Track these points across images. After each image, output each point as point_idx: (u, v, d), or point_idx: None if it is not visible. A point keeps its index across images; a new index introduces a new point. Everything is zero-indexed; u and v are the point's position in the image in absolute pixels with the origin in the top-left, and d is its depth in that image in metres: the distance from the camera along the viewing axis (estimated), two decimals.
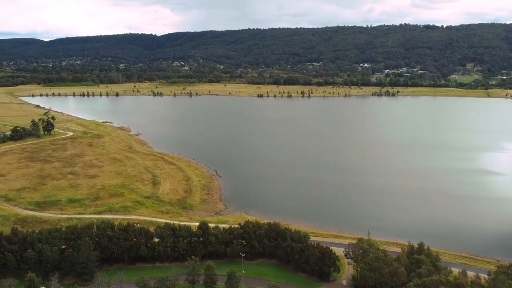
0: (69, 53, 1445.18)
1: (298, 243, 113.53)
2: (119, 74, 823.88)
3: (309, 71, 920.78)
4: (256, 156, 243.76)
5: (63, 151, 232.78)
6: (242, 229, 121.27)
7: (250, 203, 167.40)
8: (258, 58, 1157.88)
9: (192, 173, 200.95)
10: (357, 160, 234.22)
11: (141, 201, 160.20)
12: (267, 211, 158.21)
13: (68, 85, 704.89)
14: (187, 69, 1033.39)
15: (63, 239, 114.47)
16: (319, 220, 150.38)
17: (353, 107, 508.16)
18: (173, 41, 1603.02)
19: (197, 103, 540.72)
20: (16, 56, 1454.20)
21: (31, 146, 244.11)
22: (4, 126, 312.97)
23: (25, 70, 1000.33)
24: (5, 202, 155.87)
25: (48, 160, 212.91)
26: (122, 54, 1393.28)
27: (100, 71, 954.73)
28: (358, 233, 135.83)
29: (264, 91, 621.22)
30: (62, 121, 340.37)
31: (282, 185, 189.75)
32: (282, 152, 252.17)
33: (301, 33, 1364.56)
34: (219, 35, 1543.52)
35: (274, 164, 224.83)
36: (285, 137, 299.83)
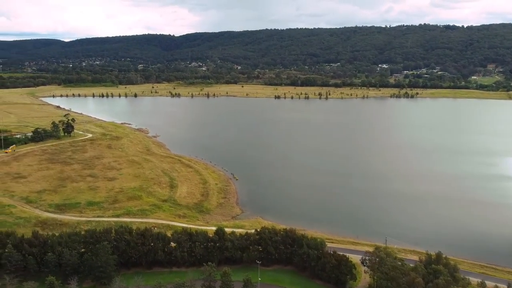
0: (89, 54, 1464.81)
1: (315, 250, 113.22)
2: (138, 75, 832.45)
3: (327, 72, 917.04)
4: (273, 159, 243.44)
5: (82, 153, 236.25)
6: (258, 235, 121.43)
7: (266, 208, 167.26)
8: (275, 58, 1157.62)
9: (209, 176, 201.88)
10: (375, 164, 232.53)
11: (158, 204, 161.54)
12: (284, 216, 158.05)
13: (87, 85, 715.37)
14: (205, 70, 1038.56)
15: (82, 243, 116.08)
16: (336, 226, 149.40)
17: (371, 109, 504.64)
18: (191, 41, 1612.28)
19: (215, 104, 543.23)
20: (38, 56, 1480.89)
21: (52, 148, 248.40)
22: (25, 127, 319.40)
23: (45, 71, 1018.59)
24: (27, 204, 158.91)
25: (68, 162, 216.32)
26: (141, 54, 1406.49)
27: (119, 71, 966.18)
28: (375, 239, 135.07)
29: (281, 92, 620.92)
30: (81, 122, 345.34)
31: (299, 189, 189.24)
32: (300, 156, 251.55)
33: (319, 34, 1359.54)
34: (237, 36, 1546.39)
35: (291, 167, 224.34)
36: (302, 140, 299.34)
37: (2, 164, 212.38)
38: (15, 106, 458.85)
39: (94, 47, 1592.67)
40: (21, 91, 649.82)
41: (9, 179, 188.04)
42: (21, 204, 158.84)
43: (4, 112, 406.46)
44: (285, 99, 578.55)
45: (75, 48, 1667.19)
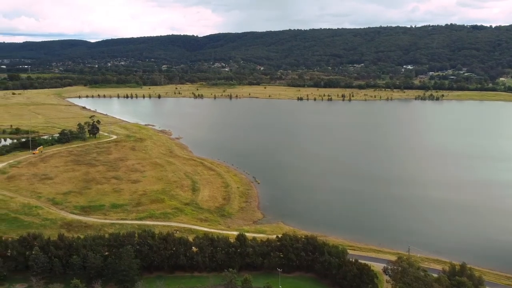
0: (114, 54, 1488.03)
1: (336, 258, 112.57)
2: (161, 76, 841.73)
3: (350, 73, 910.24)
4: (295, 162, 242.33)
5: (107, 155, 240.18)
6: (279, 241, 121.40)
7: (288, 212, 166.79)
8: (298, 59, 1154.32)
9: (231, 179, 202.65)
10: (399, 169, 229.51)
11: (180, 208, 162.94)
12: (305, 221, 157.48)
13: (112, 86, 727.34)
14: (228, 71, 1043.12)
15: (106, 246, 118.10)
16: (358, 233, 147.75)
17: (395, 111, 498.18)
18: (214, 42, 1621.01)
19: (237, 106, 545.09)
20: (64, 57, 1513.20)
21: (77, 149, 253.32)
22: (52, 128, 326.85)
23: (72, 71, 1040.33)
24: (53, 205, 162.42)
25: (93, 163, 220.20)
26: (165, 55, 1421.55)
27: (143, 72, 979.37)
28: (398, 247, 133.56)
29: (304, 94, 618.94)
30: (106, 123, 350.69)
31: (321, 194, 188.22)
32: (322, 159, 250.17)
33: (343, 34, 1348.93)
34: (260, 36, 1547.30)
35: (313, 171, 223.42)
36: (325, 143, 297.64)
37: (30, 165, 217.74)
38: (43, 107, 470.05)
39: (119, 48, 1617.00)
40: (48, 91, 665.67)
41: (37, 180, 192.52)
42: (48, 205, 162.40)
43: (32, 112, 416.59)
44: (308, 101, 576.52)
45: (100, 48, 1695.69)
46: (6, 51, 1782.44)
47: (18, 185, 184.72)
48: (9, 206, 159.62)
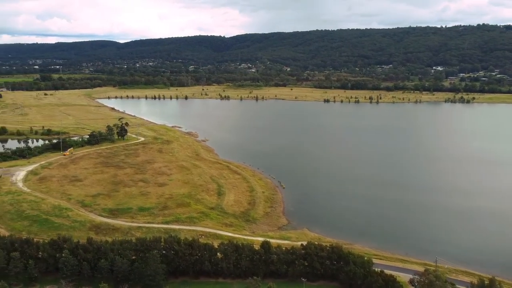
0: (142, 55, 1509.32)
1: (361, 268, 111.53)
2: (188, 77, 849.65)
3: (378, 74, 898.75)
4: (321, 167, 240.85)
5: (135, 157, 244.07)
6: (304, 249, 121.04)
7: (313, 219, 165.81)
8: (325, 60, 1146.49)
9: (256, 183, 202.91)
10: (428, 176, 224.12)
11: (206, 212, 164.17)
12: (331, 228, 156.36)
13: (141, 87, 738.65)
14: (254, 71, 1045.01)
15: (133, 251, 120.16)
16: (384, 241, 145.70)
17: (424, 114, 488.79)
18: (241, 42, 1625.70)
19: (263, 107, 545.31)
20: (94, 57, 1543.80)
21: (106, 151, 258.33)
22: (82, 129, 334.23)
23: (101, 72, 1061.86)
24: (82, 207, 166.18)
25: (121, 166, 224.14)
26: (192, 56, 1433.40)
27: (170, 73, 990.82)
28: (425, 257, 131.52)
29: (330, 95, 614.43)
30: (134, 125, 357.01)
31: (347, 200, 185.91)
32: (349, 164, 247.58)
33: (371, 34, 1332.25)
34: (287, 37, 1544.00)
35: (339, 176, 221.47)
36: (352, 147, 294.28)
37: (60, 166, 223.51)
38: (73, 108, 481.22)
39: (148, 49, 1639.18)
40: (78, 92, 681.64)
41: (67, 182, 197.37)
42: (77, 207, 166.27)
43: (63, 113, 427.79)
44: (335, 103, 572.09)
45: (129, 49, 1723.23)
46: (39, 51, 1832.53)
47: (49, 187, 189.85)
48: (41, 207, 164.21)
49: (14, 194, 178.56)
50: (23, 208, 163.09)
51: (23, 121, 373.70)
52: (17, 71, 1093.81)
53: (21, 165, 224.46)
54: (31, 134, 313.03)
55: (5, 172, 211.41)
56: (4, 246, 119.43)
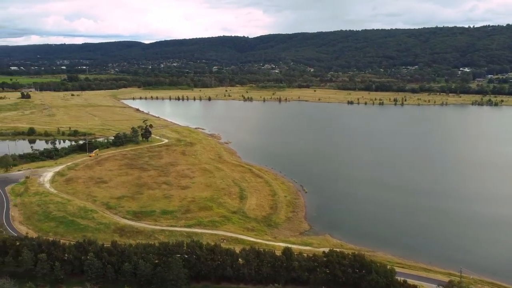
0: (167, 55, 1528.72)
1: (383, 278, 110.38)
2: (212, 78, 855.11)
3: (403, 75, 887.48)
4: (345, 171, 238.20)
5: (158, 159, 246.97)
6: (326, 257, 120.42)
7: (335, 224, 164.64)
8: (349, 61, 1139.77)
9: (278, 187, 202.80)
10: (455, 182, 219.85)
11: (228, 216, 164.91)
12: (353, 234, 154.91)
13: (165, 88, 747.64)
14: (277, 72, 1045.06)
15: (156, 255, 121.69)
16: (408, 249, 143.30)
17: (450, 118, 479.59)
18: (264, 43, 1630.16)
19: (286, 109, 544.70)
20: (120, 58, 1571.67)
21: (131, 153, 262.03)
22: (108, 130, 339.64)
23: (127, 72, 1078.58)
24: (107, 210, 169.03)
25: (145, 168, 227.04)
26: (216, 56, 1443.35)
27: (194, 73, 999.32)
28: (449, 267, 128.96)
29: (354, 97, 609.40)
30: (158, 126, 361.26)
31: (371, 205, 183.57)
32: (373, 168, 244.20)
33: (396, 35, 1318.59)
34: (311, 37, 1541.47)
35: (363, 181, 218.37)
36: (376, 150, 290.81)
37: (86, 168, 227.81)
38: (99, 109, 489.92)
39: (172, 49, 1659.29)
40: (104, 93, 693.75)
41: (92, 183, 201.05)
42: (102, 209, 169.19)
43: (89, 114, 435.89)
44: (359, 105, 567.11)
45: (154, 49, 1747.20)
46: (66, 52, 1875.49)
47: (75, 188, 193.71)
48: (67, 209, 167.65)
49: (42, 195, 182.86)
50: (50, 209, 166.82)
51: (51, 122, 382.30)
52: (45, 72, 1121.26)
53: (48, 166, 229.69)
54: (58, 135, 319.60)
55: (33, 173, 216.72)
56: (32, 247, 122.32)
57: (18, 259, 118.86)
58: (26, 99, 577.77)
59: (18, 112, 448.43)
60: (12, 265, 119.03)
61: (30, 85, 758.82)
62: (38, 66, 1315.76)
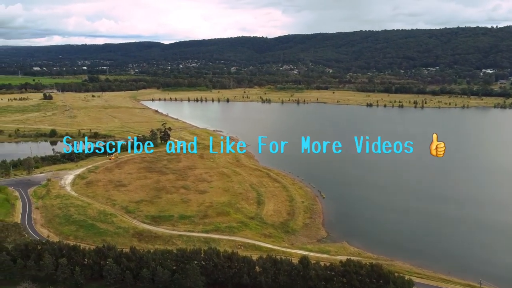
0: (186, 56, 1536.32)
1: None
2: (230, 80, 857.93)
3: (424, 77, 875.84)
4: (363, 176, 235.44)
5: (177, 163, 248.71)
6: (343, 267, 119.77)
7: (353, 231, 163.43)
8: (369, 62, 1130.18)
9: (295, 192, 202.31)
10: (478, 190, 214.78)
11: (245, 221, 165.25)
12: (371, 241, 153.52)
13: (184, 89, 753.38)
14: (296, 73, 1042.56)
15: (174, 261, 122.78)
16: (427, 258, 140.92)
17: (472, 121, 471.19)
18: (283, 43, 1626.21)
19: (305, 111, 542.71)
20: (140, 58, 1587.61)
21: (150, 156, 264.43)
22: (127, 132, 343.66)
23: (146, 73, 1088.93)
24: (126, 214, 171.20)
25: (164, 171, 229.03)
26: (234, 57, 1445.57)
27: (213, 74, 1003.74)
28: (468, 277, 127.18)
29: (373, 99, 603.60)
30: (177, 128, 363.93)
31: (390, 212, 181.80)
32: (393, 174, 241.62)
33: (417, 35, 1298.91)
34: (330, 38, 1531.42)
35: (382, 187, 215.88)
36: (397, 155, 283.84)
37: (106, 171, 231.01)
38: (119, 110, 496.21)
39: (191, 50, 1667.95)
40: (124, 94, 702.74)
41: (112, 187, 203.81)
42: (121, 213, 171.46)
43: (109, 116, 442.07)
44: (378, 107, 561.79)
45: (173, 50, 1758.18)
46: (88, 52, 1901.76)
47: (95, 191, 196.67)
48: (87, 212, 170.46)
49: (63, 198, 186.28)
50: (71, 213, 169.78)
51: (72, 124, 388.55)
52: (67, 72, 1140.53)
53: (69, 169, 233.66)
54: (79, 137, 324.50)
55: (54, 175, 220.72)
56: (53, 252, 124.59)
57: (39, 263, 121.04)
58: (48, 100, 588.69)
59: (40, 113, 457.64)
60: (33, 269, 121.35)
61: (52, 86, 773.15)
62: (60, 67, 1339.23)
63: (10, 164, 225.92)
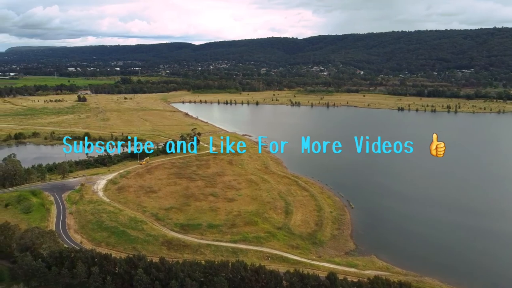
0: (216, 57, 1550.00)
1: None
2: (260, 82, 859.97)
3: (458, 79, 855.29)
4: (395, 185, 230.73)
5: (206, 169, 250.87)
6: (371, 284, 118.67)
7: (382, 244, 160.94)
8: (401, 63, 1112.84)
9: (324, 202, 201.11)
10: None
11: (273, 232, 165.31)
12: (400, 256, 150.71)
13: (213, 92, 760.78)
14: (326, 75, 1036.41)
15: (202, 273, 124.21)
16: (458, 275, 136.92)
17: (509, 128, 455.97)
18: (313, 44, 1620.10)
19: (334, 115, 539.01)
20: (171, 59, 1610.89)
21: (179, 161, 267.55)
22: (158, 136, 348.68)
23: (177, 74, 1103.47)
24: (156, 221, 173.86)
25: (193, 178, 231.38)
26: (264, 58, 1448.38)
27: (242, 75, 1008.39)
28: None
29: (405, 103, 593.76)
30: (206, 132, 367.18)
31: (422, 225, 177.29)
32: (426, 185, 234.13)
33: (451, 36, 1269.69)
34: (361, 38, 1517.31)
35: (414, 198, 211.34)
36: (430, 165, 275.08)
37: (137, 176, 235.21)
38: (150, 113, 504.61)
39: (221, 50, 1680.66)
40: (155, 96, 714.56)
41: (142, 193, 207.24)
42: (151, 220, 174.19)
43: (141, 119, 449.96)
44: (409, 111, 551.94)
45: (204, 51, 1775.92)
46: (120, 53, 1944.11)
47: (127, 197, 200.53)
48: (118, 219, 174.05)
49: (95, 204, 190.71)
50: (103, 219, 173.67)
51: (105, 127, 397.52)
52: (100, 73, 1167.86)
53: (102, 173, 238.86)
54: (111, 140, 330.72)
55: (87, 180, 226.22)
56: (86, 260, 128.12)
57: (73, 271, 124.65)
58: (82, 102, 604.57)
59: (75, 116, 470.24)
60: (67, 277, 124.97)
61: (86, 87, 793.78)
62: (94, 67, 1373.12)
63: (45, 168, 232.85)
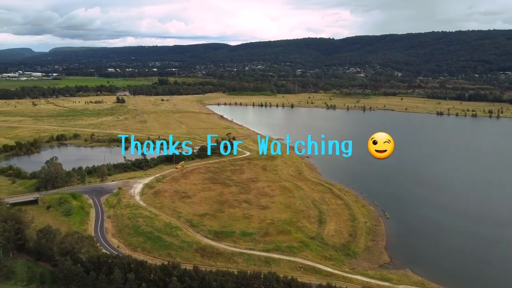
0: (251, 58, 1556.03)
1: None
2: (295, 85, 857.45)
3: (501, 82, 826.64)
4: (434, 196, 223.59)
5: (240, 174, 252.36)
6: None
7: (417, 257, 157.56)
8: (441, 65, 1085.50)
9: (358, 211, 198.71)
10: None
11: (306, 242, 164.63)
12: (436, 270, 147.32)
13: (248, 94, 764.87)
14: (362, 76, 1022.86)
15: (234, 283, 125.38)
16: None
17: None
18: (350, 45, 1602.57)
19: (371, 119, 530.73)
20: (207, 60, 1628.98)
21: (214, 166, 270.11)
22: (193, 139, 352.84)
23: (213, 75, 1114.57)
24: (190, 227, 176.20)
25: (227, 183, 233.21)
26: (300, 59, 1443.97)
27: (278, 77, 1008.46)
28: None
29: (444, 107, 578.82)
30: (241, 136, 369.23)
31: (459, 238, 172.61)
32: (466, 196, 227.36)
33: (494, 37, 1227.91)
34: (399, 39, 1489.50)
35: (455, 209, 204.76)
36: (473, 175, 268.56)
37: (172, 180, 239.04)
38: (186, 115, 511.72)
39: (257, 51, 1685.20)
40: (191, 97, 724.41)
41: (178, 198, 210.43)
42: (186, 226, 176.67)
43: (177, 121, 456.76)
44: (449, 116, 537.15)
45: (239, 52, 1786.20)
46: (158, 54, 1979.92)
47: (162, 202, 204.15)
48: (154, 224, 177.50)
49: (132, 208, 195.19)
50: (139, 224, 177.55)
51: (142, 129, 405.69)
52: (139, 74, 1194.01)
53: (138, 177, 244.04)
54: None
55: (125, 183, 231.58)
56: (122, 266, 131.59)
57: (110, 276, 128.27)
58: (121, 103, 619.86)
59: (113, 117, 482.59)
60: (104, 282, 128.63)
61: (125, 88, 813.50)
62: (132, 68, 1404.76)
63: (85, 171, 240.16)
